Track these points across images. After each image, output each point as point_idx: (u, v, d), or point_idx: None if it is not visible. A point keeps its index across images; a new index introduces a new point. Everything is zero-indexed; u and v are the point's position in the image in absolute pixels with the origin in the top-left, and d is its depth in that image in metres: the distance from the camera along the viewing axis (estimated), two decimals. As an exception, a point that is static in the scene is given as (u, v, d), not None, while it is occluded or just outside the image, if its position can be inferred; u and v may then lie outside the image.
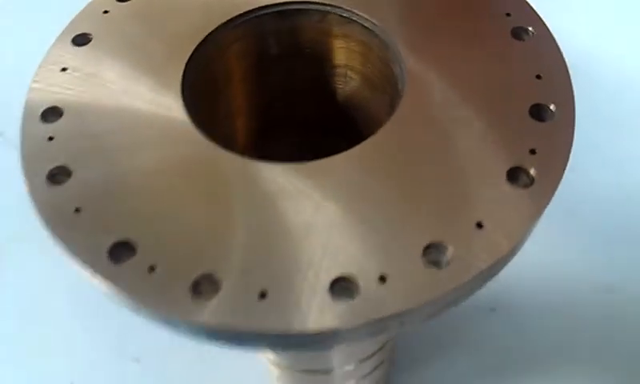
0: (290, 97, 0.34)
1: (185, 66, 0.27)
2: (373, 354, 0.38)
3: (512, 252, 0.22)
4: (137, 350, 0.51)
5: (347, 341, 0.21)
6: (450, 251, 0.22)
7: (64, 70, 0.28)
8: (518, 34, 0.28)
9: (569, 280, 0.53)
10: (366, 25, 0.30)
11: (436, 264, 0.21)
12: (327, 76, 0.33)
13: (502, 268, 0.22)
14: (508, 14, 0.29)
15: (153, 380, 0.50)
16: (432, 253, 0.22)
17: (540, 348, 0.50)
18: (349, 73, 0.33)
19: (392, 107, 0.27)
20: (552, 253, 0.54)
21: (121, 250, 0.22)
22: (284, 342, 0.20)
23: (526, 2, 0.30)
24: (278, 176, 0.24)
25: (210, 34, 0.29)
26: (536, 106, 0.25)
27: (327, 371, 0.38)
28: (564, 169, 0.24)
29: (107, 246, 0.22)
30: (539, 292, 0.53)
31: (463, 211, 0.23)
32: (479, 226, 0.22)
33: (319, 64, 0.33)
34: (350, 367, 0.38)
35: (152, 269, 0.21)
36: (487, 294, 0.52)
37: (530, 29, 0.28)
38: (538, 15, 0.29)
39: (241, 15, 0.30)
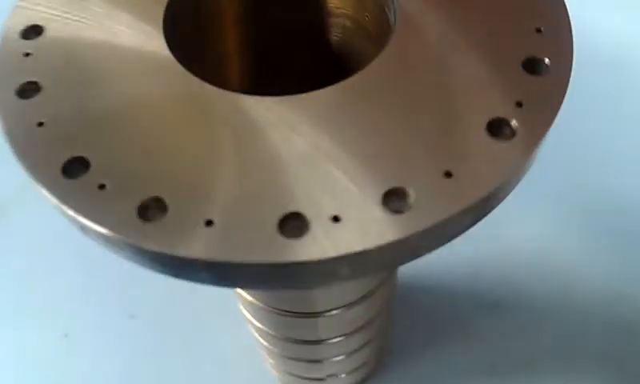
0: (285, 45, 0.33)
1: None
2: (358, 329, 0.37)
3: (480, 205, 0.20)
4: (133, 306, 0.52)
5: (285, 283, 0.20)
6: (412, 198, 0.20)
7: (50, -10, 0.27)
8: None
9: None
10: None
11: (396, 210, 0.20)
12: (323, 25, 0.32)
13: (468, 223, 0.21)
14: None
15: (148, 335, 0.51)
16: (393, 199, 0.20)
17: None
18: (345, 22, 0.31)
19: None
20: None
21: (75, 167, 0.21)
22: (224, 272, 0.20)
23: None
24: (255, 104, 0.23)
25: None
26: (530, 59, 0.24)
27: (316, 341, 0.37)
28: (549, 125, 0.22)
29: (62, 161, 0.21)
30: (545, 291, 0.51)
31: (433, 158, 0.21)
32: (448, 174, 0.21)
33: (315, 10, 0.31)
34: (336, 339, 0.37)
35: (102, 186, 0.21)
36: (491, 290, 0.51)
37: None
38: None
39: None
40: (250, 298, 0.34)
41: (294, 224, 0.20)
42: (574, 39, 0.24)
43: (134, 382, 0.49)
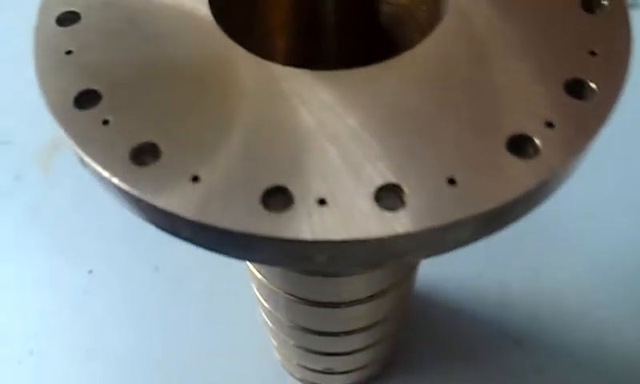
0: (335, 28, 0.32)
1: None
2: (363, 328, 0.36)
3: (477, 220, 0.19)
4: (159, 259, 0.53)
5: (260, 257, 0.19)
6: (407, 197, 0.19)
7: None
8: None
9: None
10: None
11: (388, 207, 0.19)
12: (376, 11, 0.31)
13: (464, 237, 0.19)
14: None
15: (169, 289, 0.52)
16: (387, 194, 0.19)
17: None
18: (398, 10, 0.30)
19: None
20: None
21: (86, 98, 0.22)
22: (198, 232, 0.19)
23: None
24: (295, 79, 0.22)
25: None
26: (575, 81, 0.22)
27: (325, 333, 0.36)
28: (577, 153, 0.20)
29: (76, 91, 0.22)
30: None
31: (441, 161, 0.20)
32: (451, 181, 0.19)
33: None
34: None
35: (106, 122, 0.21)
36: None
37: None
38: None
39: None
40: (263, 279, 0.34)
41: (279, 198, 0.19)
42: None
43: (147, 326, 0.50)
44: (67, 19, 0.24)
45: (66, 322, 0.52)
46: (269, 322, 0.39)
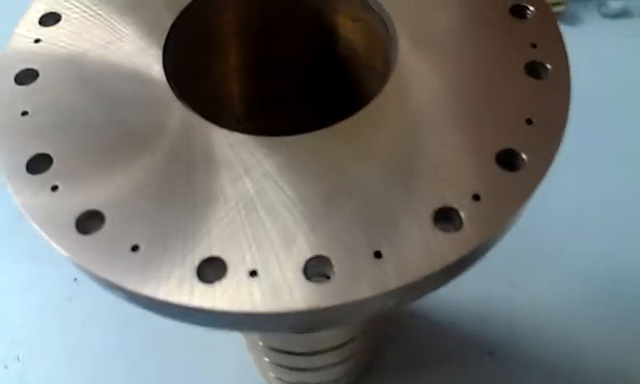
0: (292, 69, 0.32)
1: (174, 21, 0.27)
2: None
3: (400, 292, 0.20)
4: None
5: (196, 322, 0.20)
6: (334, 270, 0.20)
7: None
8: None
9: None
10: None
11: (316, 279, 0.20)
12: (334, 53, 0.32)
13: (389, 304, 0.20)
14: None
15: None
16: (314, 266, 0.20)
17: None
18: (356, 56, 0.30)
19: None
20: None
21: (39, 162, 0.23)
22: (139, 302, 0.20)
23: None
24: (224, 139, 0.23)
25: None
26: (506, 151, 0.22)
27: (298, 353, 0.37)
28: (500, 226, 0.21)
29: (29, 156, 0.23)
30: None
31: (369, 235, 0.21)
32: (377, 255, 0.20)
33: (321, 34, 0.31)
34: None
35: (54, 189, 0.22)
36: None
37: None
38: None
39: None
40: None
41: (213, 267, 0.20)
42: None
43: (129, 330, 0.52)
44: (26, 76, 0.25)
45: (52, 329, 0.54)
46: (245, 340, 0.41)
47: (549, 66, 0.25)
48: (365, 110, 0.24)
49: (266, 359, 0.40)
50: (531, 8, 0.26)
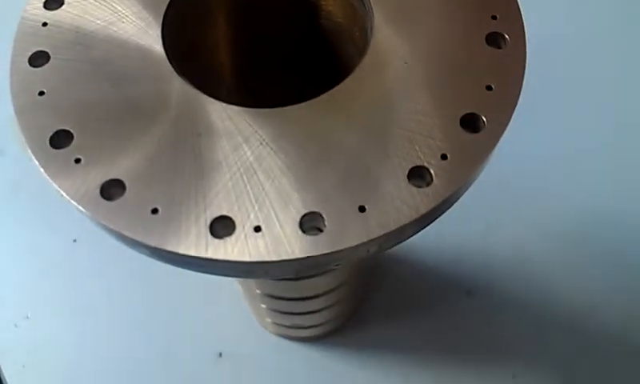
0: (277, 38, 0.36)
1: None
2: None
3: (382, 239, 0.24)
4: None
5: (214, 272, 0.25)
6: (326, 223, 0.24)
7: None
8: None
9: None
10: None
11: (311, 232, 0.24)
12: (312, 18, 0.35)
13: (373, 250, 0.25)
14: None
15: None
16: (309, 221, 0.24)
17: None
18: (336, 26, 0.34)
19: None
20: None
21: (61, 138, 0.26)
22: (161, 257, 0.24)
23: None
24: (209, 109, 0.27)
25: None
26: (469, 115, 0.26)
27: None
28: (464, 181, 0.25)
29: (51, 132, 0.26)
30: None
31: (354, 193, 0.25)
32: (362, 209, 0.24)
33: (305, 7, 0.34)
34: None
35: (77, 161, 0.26)
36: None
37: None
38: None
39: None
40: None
41: (223, 225, 0.24)
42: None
43: (129, 286, 0.56)
44: (38, 58, 0.28)
45: (56, 287, 0.58)
46: (242, 291, 0.45)
47: (507, 37, 0.29)
48: (345, 81, 0.28)
49: (263, 306, 0.45)
50: (492, -19, 0.30)
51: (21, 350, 0.55)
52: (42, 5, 0.30)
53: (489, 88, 0.27)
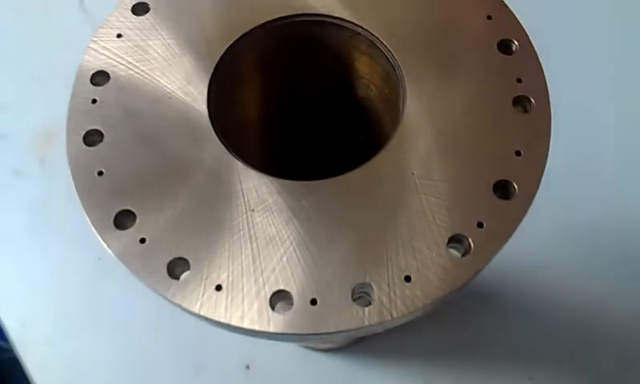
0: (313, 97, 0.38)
1: (219, 59, 0.33)
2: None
3: (431, 305, 0.27)
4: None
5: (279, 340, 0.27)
6: (375, 294, 0.27)
7: (119, 36, 0.34)
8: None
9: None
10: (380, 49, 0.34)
11: (364, 303, 0.27)
12: (350, 84, 0.38)
13: (419, 315, 0.27)
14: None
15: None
16: (361, 292, 0.27)
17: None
18: (370, 85, 0.36)
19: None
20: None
21: (124, 218, 0.29)
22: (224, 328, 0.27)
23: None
24: (259, 185, 0.30)
25: (248, 31, 0.33)
26: (500, 182, 0.29)
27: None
28: (501, 247, 0.28)
29: (113, 214, 0.29)
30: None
31: (397, 267, 0.27)
32: (407, 279, 0.27)
33: (344, 71, 0.37)
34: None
35: (142, 241, 0.28)
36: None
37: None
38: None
39: (282, 18, 0.34)
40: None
41: (282, 296, 0.27)
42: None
43: (159, 303, 0.59)
44: (92, 136, 0.31)
45: (85, 304, 0.61)
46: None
47: (533, 100, 0.31)
48: (382, 152, 0.30)
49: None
50: (516, 42, 0.32)
51: (55, 365, 0.58)
52: (89, 80, 0.32)
53: (517, 153, 0.30)
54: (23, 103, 0.72)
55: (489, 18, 0.33)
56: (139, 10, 0.35)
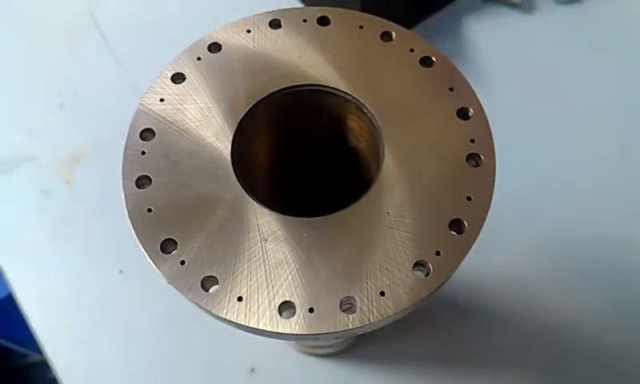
0: (313, 145, 0.50)
1: (240, 121, 0.44)
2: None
3: (399, 314, 0.38)
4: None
5: (289, 340, 0.38)
6: (358, 305, 0.38)
7: (162, 100, 0.45)
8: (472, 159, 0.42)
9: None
10: (366, 114, 0.45)
11: (349, 313, 0.38)
12: (343, 135, 0.49)
13: (390, 321, 0.38)
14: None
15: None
16: (348, 304, 0.38)
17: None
18: (359, 136, 0.48)
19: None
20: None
21: (168, 245, 0.40)
22: (243, 329, 0.38)
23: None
24: (270, 220, 0.41)
25: (263, 97, 0.45)
26: (455, 220, 0.40)
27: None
28: (453, 271, 0.39)
29: (159, 241, 0.40)
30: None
31: (375, 282, 0.38)
32: (382, 293, 0.38)
33: (338, 126, 0.48)
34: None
35: (182, 263, 0.39)
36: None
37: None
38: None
39: (288, 87, 0.46)
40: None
41: (287, 306, 0.38)
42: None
43: (173, 312, 0.69)
44: (142, 180, 0.41)
45: (106, 314, 0.72)
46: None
47: (482, 157, 0.42)
48: (368, 194, 0.41)
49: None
50: (471, 110, 0.43)
51: (79, 371, 0.69)
52: (138, 135, 0.43)
53: (469, 199, 0.41)
54: (51, 129, 0.84)
55: (451, 89, 0.44)
56: (177, 79, 0.45)
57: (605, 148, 0.79)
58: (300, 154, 0.53)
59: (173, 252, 0.40)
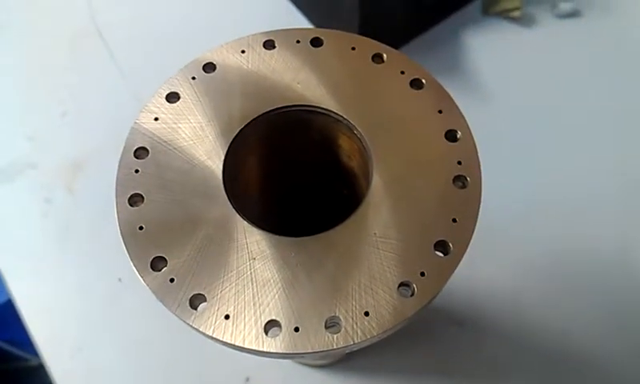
0: (304, 163, 0.51)
1: (232, 140, 0.45)
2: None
3: (383, 334, 0.39)
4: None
5: (273, 357, 0.39)
6: (342, 324, 0.39)
7: (156, 119, 0.46)
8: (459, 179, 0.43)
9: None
10: (357, 134, 0.46)
11: (333, 331, 0.39)
12: (334, 153, 0.50)
13: (379, 337, 0.39)
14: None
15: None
16: (333, 324, 0.39)
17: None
18: (350, 155, 0.49)
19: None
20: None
21: (158, 262, 0.41)
22: (231, 348, 0.39)
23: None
24: (259, 239, 0.41)
25: (255, 117, 0.46)
26: (440, 241, 0.41)
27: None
28: (438, 292, 0.39)
29: (151, 258, 0.41)
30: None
31: (359, 302, 0.39)
32: (366, 314, 0.39)
33: (329, 144, 0.49)
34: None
35: (172, 280, 0.40)
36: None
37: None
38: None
39: (281, 107, 0.47)
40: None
41: (273, 324, 0.39)
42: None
43: (169, 321, 0.70)
44: (135, 198, 0.42)
45: (104, 322, 0.73)
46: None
47: (468, 179, 0.43)
48: (356, 214, 0.42)
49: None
50: (459, 133, 0.44)
51: (77, 378, 0.71)
52: (132, 154, 0.44)
53: (454, 220, 0.41)
54: (53, 137, 0.85)
55: (440, 112, 0.45)
56: (172, 98, 0.47)
57: (603, 162, 0.80)
58: (292, 172, 0.54)
59: (163, 269, 0.41)
